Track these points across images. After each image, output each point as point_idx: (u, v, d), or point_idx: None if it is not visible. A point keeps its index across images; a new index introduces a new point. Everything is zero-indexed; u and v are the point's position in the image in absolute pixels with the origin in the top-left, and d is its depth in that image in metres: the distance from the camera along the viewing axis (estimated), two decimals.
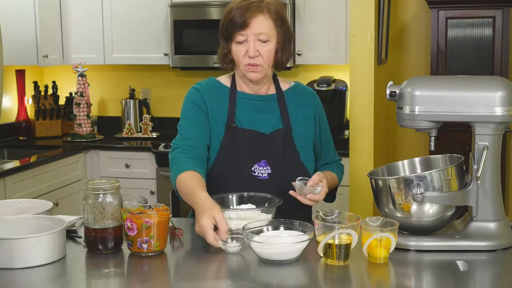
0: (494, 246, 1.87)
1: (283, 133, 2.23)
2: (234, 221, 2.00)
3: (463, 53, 4.10)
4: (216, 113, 2.24)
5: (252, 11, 2.13)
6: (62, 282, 1.72)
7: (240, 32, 2.15)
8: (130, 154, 4.24)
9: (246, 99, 2.26)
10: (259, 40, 2.15)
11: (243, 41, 2.16)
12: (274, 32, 2.17)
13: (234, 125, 2.22)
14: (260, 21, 2.14)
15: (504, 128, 1.89)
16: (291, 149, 2.23)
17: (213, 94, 2.26)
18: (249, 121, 2.23)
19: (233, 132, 2.21)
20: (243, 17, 2.13)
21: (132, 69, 4.78)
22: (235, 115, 2.23)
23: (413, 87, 1.89)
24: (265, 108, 2.26)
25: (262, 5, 2.15)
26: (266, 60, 2.17)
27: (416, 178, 1.87)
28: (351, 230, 1.76)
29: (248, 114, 2.24)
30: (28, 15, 4.16)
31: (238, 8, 2.15)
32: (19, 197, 3.38)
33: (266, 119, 2.25)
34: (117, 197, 1.90)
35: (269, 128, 2.23)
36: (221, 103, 2.25)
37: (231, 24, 2.15)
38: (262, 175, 2.19)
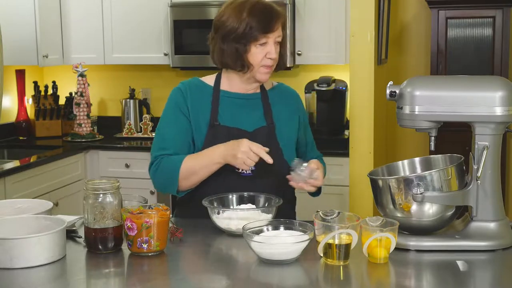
0: (494, 246, 1.87)
1: (266, 131, 2.26)
2: (234, 221, 2.00)
3: (463, 53, 4.09)
4: (199, 112, 2.26)
5: (278, 14, 2.20)
6: (62, 282, 1.72)
7: (265, 34, 2.17)
8: (130, 154, 4.24)
9: (229, 98, 2.29)
10: (277, 42, 2.21)
11: (264, 43, 2.19)
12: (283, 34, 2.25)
13: (217, 123, 2.24)
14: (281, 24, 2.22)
15: (504, 128, 1.89)
16: (274, 147, 2.23)
17: (195, 94, 2.29)
18: (232, 119, 2.26)
19: (216, 130, 2.23)
20: (272, 21, 2.18)
21: (132, 69, 4.78)
22: (218, 114, 2.25)
23: (413, 87, 1.89)
24: (248, 106, 2.29)
25: (279, 9, 2.22)
26: (276, 61, 2.24)
27: (416, 178, 1.87)
28: (351, 230, 1.76)
29: (231, 112, 2.27)
30: (28, 15, 4.16)
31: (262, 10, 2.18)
32: (19, 197, 3.38)
33: (249, 117, 2.27)
34: (117, 197, 1.90)
35: (252, 126, 2.26)
36: (204, 102, 2.27)
37: (259, 27, 2.17)
38: (246, 171, 2.20)
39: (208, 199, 2.08)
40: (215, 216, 2.03)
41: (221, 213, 2.03)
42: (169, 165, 2.19)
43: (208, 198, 2.08)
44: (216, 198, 2.10)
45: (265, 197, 2.11)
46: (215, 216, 2.03)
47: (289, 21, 4.06)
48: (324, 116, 4.20)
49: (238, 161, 2.09)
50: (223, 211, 2.03)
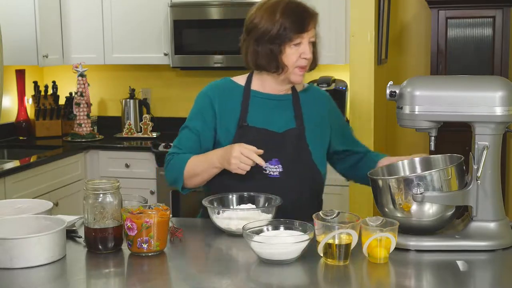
0: (494, 246, 1.87)
1: (295, 133, 2.24)
2: (234, 221, 2.00)
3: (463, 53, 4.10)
4: (228, 113, 2.25)
5: (310, 14, 2.19)
6: (62, 282, 1.72)
7: (299, 34, 2.17)
8: (130, 154, 4.24)
9: (260, 98, 2.27)
10: (311, 42, 2.21)
11: (298, 43, 2.18)
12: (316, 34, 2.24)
13: (245, 124, 2.23)
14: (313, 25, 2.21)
15: (504, 128, 1.89)
16: (303, 149, 2.23)
17: (225, 95, 2.28)
18: (262, 120, 2.24)
19: (244, 131, 2.22)
20: (305, 20, 2.17)
21: (132, 69, 4.78)
22: (248, 114, 2.24)
23: (413, 87, 1.89)
24: (279, 107, 2.27)
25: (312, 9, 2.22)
26: (310, 61, 2.23)
27: (416, 178, 1.87)
28: (351, 230, 1.76)
29: (262, 113, 2.25)
30: (28, 15, 4.16)
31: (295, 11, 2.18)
32: (19, 197, 3.38)
33: (279, 118, 2.25)
34: (117, 197, 1.90)
35: (282, 127, 2.24)
36: (233, 102, 2.26)
37: (293, 26, 2.16)
38: (273, 173, 2.19)
39: (208, 199, 2.08)
40: (215, 216, 2.03)
41: (221, 213, 2.03)
42: (176, 163, 2.23)
43: (208, 198, 2.08)
44: (216, 198, 2.10)
45: (265, 197, 2.11)
46: (215, 216, 2.03)
47: None
48: None
49: (232, 167, 2.08)
50: (223, 211, 2.03)
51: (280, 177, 2.19)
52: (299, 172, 2.21)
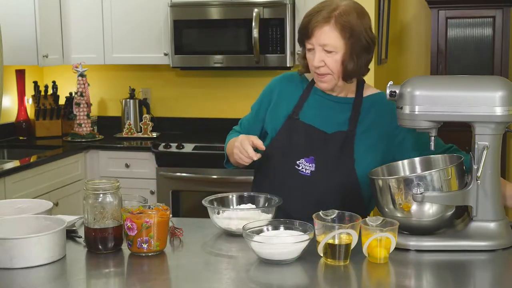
0: (494, 246, 1.87)
1: (343, 136, 2.16)
2: (234, 221, 2.00)
3: (463, 53, 4.10)
4: (284, 103, 2.26)
5: (317, 21, 2.10)
6: (62, 282, 1.72)
7: (307, 40, 2.14)
8: (130, 154, 4.24)
9: (320, 96, 2.24)
10: (325, 51, 2.11)
11: (311, 50, 2.14)
12: (341, 43, 2.09)
13: (296, 117, 2.21)
14: (324, 32, 2.09)
15: (504, 128, 1.89)
16: (346, 154, 2.15)
17: (288, 85, 2.30)
18: (314, 117, 2.20)
19: (291, 124, 2.21)
20: (308, 26, 2.12)
21: (132, 69, 4.78)
22: (302, 109, 2.22)
23: (413, 87, 1.89)
24: (336, 108, 2.21)
25: (331, 15, 2.09)
26: (334, 71, 2.12)
27: (416, 178, 1.87)
28: (351, 230, 1.76)
29: (316, 110, 2.22)
30: (28, 15, 4.16)
31: (309, 15, 2.14)
32: (19, 197, 3.38)
33: (333, 119, 2.19)
34: (117, 197, 1.90)
35: (332, 129, 2.18)
36: (294, 94, 2.27)
37: (300, 30, 2.16)
38: (305, 171, 2.16)
39: (208, 199, 2.08)
40: (215, 216, 2.03)
41: (221, 213, 2.03)
42: (226, 141, 2.38)
43: (208, 198, 2.08)
44: (216, 198, 2.10)
45: (265, 197, 2.11)
46: (215, 216, 2.03)
47: (289, 21, 4.06)
48: None
49: (235, 157, 2.12)
50: (223, 211, 2.03)
51: (310, 176, 2.15)
52: (331, 176, 2.14)
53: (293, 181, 2.16)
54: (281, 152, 2.20)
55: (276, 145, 2.21)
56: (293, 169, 2.16)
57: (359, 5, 2.16)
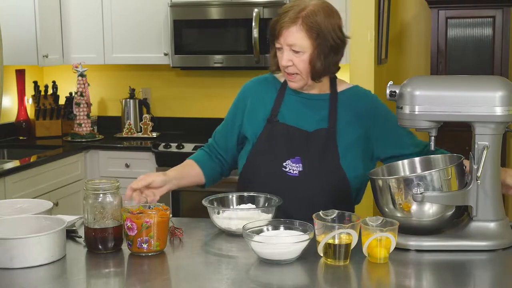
0: (494, 246, 1.87)
1: (325, 133, 2.18)
2: (234, 221, 2.00)
3: (463, 53, 4.10)
4: (261, 107, 2.26)
5: (285, 21, 2.10)
6: (62, 282, 1.72)
7: (276, 40, 2.15)
8: (130, 154, 4.24)
9: (295, 96, 2.25)
10: (293, 50, 2.12)
11: (280, 48, 2.15)
12: (308, 44, 2.10)
13: (275, 119, 2.22)
14: (291, 32, 2.10)
15: (504, 128, 1.89)
16: (330, 150, 2.16)
17: (261, 89, 2.30)
18: (293, 117, 2.21)
19: (272, 127, 2.21)
20: (276, 26, 2.13)
21: (132, 69, 4.78)
22: (280, 111, 2.23)
23: (413, 87, 1.89)
24: (313, 106, 2.23)
25: (298, 15, 2.10)
26: (302, 71, 2.14)
27: (416, 178, 1.87)
28: (351, 230, 1.76)
29: (294, 110, 2.23)
30: (28, 15, 4.16)
31: (279, 15, 2.15)
32: (19, 197, 3.38)
33: (311, 117, 2.21)
34: (117, 197, 1.90)
35: (313, 127, 2.19)
36: (268, 97, 2.27)
37: (270, 30, 2.17)
38: (293, 171, 2.16)
39: (208, 199, 2.08)
40: (215, 216, 2.03)
41: (221, 213, 2.03)
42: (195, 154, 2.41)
43: (208, 198, 2.08)
44: (216, 198, 2.10)
45: (265, 197, 2.11)
46: (215, 216, 2.03)
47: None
48: None
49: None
50: (223, 211, 2.03)
51: (299, 176, 2.16)
52: (320, 174, 2.15)
53: (282, 183, 2.16)
54: (265, 156, 2.20)
55: (259, 150, 2.22)
56: (280, 171, 2.17)
57: (328, 4, 2.18)
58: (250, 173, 2.23)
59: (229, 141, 2.33)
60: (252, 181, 2.21)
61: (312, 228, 1.80)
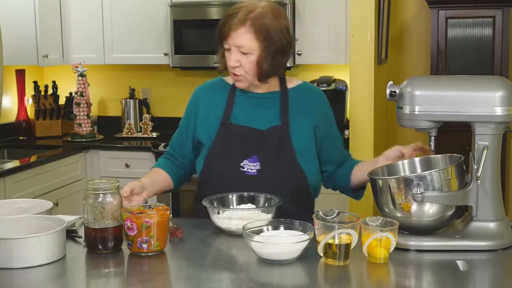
0: (494, 246, 1.87)
1: (279, 130, 2.22)
2: (234, 221, 2.00)
3: (463, 53, 4.09)
4: (213, 111, 2.27)
5: (233, 22, 2.13)
6: (62, 282, 1.72)
7: (223, 41, 2.17)
8: (130, 154, 4.24)
9: (245, 96, 2.27)
10: (241, 52, 2.15)
11: (228, 49, 2.18)
12: (256, 45, 2.14)
13: (228, 121, 2.24)
14: (239, 34, 2.13)
15: (504, 128, 1.89)
16: (286, 147, 2.21)
17: (212, 93, 2.31)
18: (246, 118, 2.24)
19: (226, 129, 2.23)
20: (224, 27, 2.15)
21: (132, 69, 4.78)
22: (232, 112, 2.25)
23: (413, 87, 1.89)
24: (264, 105, 2.26)
25: (246, 17, 2.13)
26: (249, 71, 2.18)
27: (416, 178, 1.87)
28: (351, 230, 1.76)
29: (246, 111, 2.26)
30: (28, 15, 4.16)
31: (226, 16, 2.17)
32: (19, 197, 3.38)
33: (264, 116, 2.25)
34: (117, 197, 1.90)
35: (266, 125, 2.23)
36: (219, 101, 2.28)
37: (218, 31, 2.19)
38: (251, 171, 2.19)
39: (208, 199, 2.08)
40: (215, 216, 2.03)
41: (221, 213, 2.03)
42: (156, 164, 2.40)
43: (208, 198, 2.08)
44: (216, 198, 2.10)
45: (265, 197, 2.11)
46: (215, 216, 2.03)
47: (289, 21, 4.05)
48: None
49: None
50: (223, 211, 2.03)
51: (257, 175, 2.19)
52: (278, 171, 2.19)
53: (241, 182, 2.18)
54: (222, 158, 2.22)
55: (215, 153, 2.24)
56: (238, 171, 2.19)
57: (276, 6, 2.21)
58: (208, 177, 2.25)
59: (185, 148, 2.35)
60: (211, 184, 2.23)
61: (312, 228, 1.80)
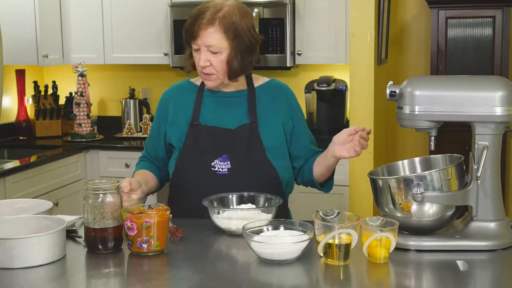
0: (494, 246, 1.87)
1: (248, 128, 2.23)
2: (234, 221, 2.00)
3: (463, 53, 4.10)
4: (182, 113, 2.28)
5: (202, 22, 2.13)
6: (62, 282, 1.72)
7: (192, 41, 2.18)
8: (130, 154, 4.24)
9: (213, 96, 2.28)
10: (210, 51, 2.16)
11: (197, 50, 2.18)
12: (226, 44, 2.15)
13: (197, 122, 2.25)
14: (209, 33, 2.14)
15: (504, 128, 1.89)
16: (255, 145, 2.22)
17: (180, 95, 2.32)
18: (214, 118, 2.25)
19: (195, 130, 2.24)
20: (193, 27, 2.15)
21: (132, 69, 4.78)
22: (200, 113, 2.26)
23: (413, 87, 1.89)
24: (232, 104, 2.27)
25: (215, 16, 2.13)
26: (219, 70, 2.19)
27: (416, 178, 1.87)
28: (351, 230, 1.76)
29: (214, 111, 2.26)
30: (28, 15, 4.16)
31: (193, 17, 2.16)
32: (19, 197, 3.38)
33: (232, 114, 2.26)
34: (117, 197, 1.90)
35: (235, 124, 2.24)
36: (188, 102, 2.29)
37: (185, 31, 2.19)
38: (222, 170, 2.20)
39: (208, 199, 2.08)
40: (215, 216, 2.03)
41: (221, 213, 2.03)
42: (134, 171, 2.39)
43: (208, 198, 2.08)
44: (216, 198, 2.10)
45: (265, 197, 2.11)
46: (215, 216, 2.03)
47: (289, 21, 4.06)
48: (324, 116, 4.20)
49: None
50: (223, 211, 2.03)
51: (228, 173, 2.20)
52: (249, 169, 2.20)
53: (212, 182, 2.19)
54: (193, 159, 2.23)
55: (186, 154, 2.24)
56: (209, 171, 2.20)
57: (241, 5, 2.22)
58: (180, 178, 2.25)
59: (159, 151, 2.36)
60: (183, 185, 2.24)
61: (312, 228, 1.80)
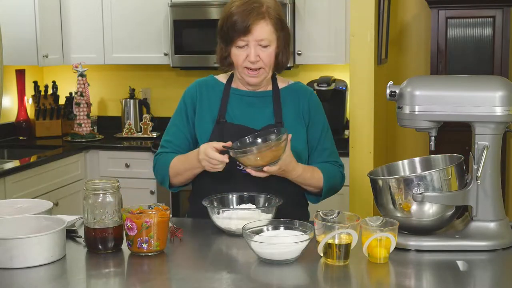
0: (494, 246, 1.87)
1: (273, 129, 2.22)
2: (234, 221, 2.00)
3: (463, 53, 4.09)
4: (207, 109, 2.27)
5: (254, 17, 2.14)
6: (62, 282, 1.72)
7: (241, 37, 2.16)
8: (130, 154, 4.24)
9: (240, 95, 2.28)
10: (260, 45, 2.17)
11: (244, 46, 2.17)
12: (274, 37, 2.19)
13: (223, 120, 2.24)
14: (262, 27, 2.15)
15: (504, 128, 1.89)
16: None
17: (207, 92, 2.30)
18: (240, 117, 2.25)
19: (222, 127, 2.23)
20: (245, 23, 2.14)
21: (132, 69, 4.78)
22: (227, 111, 2.25)
23: (413, 87, 1.89)
24: (258, 104, 2.27)
25: (263, 10, 2.15)
26: (268, 64, 2.20)
27: (416, 178, 1.87)
28: (351, 230, 1.76)
29: (240, 110, 2.26)
30: (28, 15, 4.16)
31: (240, 13, 2.15)
32: (19, 197, 3.38)
33: (258, 115, 2.26)
34: (117, 197, 1.90)
35: (261, 124, 2.24)
36: (214, 99, 2.28)
37: (233, 29, 2.16)
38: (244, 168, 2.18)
39: (208, 199, 2.08)
40: (215, 216, 2.03)
41: (221, 213, 2.03)
42: (162, 163, 2.28)
43: (208, 198, 2.08)
44: (216, 198, 2.10)
45: (265, 197, 2.11)
46: (215, 216, 2.03)
47: (289, 21, 4.06)
48: None
49: (206, 168, 2.10)
50: (223, 211, 2.03)
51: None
52: None
53: (237, 181, 2.19)
54: None
55: None
56: (235, 169, 2.19)
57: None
58: (205, 175, 2.22)
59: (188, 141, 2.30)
60: (207, 183, 2.23)
61: (312, 228, 1.80)
